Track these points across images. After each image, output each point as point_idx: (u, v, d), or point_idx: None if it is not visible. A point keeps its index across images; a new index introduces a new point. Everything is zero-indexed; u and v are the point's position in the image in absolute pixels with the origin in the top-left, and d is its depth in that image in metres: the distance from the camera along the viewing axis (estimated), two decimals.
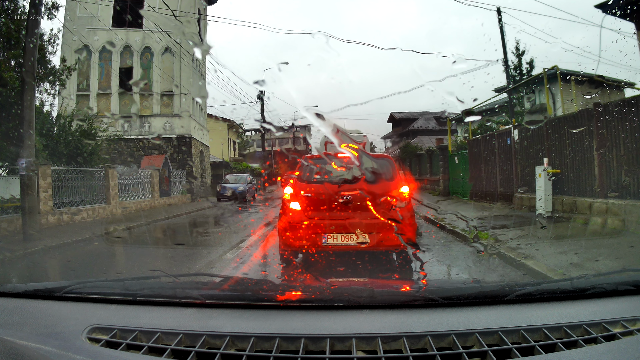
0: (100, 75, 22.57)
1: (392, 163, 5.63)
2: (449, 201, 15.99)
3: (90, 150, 13.90)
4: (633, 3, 9.25)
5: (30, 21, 8.80)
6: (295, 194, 5.30)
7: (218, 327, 1.33)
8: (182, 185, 21.54)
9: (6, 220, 9.95)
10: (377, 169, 5.35)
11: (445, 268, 5.93)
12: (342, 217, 4.97)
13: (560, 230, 8.06)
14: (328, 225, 4.95)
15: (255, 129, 49.21)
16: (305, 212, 5.17)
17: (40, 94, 11.97)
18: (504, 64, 15.92)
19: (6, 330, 1.34)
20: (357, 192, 4.96)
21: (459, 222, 9.30)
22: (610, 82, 14.43)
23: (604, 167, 8.22)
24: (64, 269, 6.95)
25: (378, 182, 5.25)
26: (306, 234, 5.01)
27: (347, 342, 1.23)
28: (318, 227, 4.99)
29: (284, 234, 5.20)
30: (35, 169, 8.99)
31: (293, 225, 5.13)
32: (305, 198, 5.23)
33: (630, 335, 1.24)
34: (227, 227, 11.76)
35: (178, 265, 6.16)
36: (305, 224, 5.07)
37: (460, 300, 1.47)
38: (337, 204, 5.01)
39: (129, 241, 9.40)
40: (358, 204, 4.99)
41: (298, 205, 5.23)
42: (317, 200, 5.16)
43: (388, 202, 5.14)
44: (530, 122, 13.58)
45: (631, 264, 5.01)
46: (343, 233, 4.92)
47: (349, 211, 5.00)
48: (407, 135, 40.00)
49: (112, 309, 1.53)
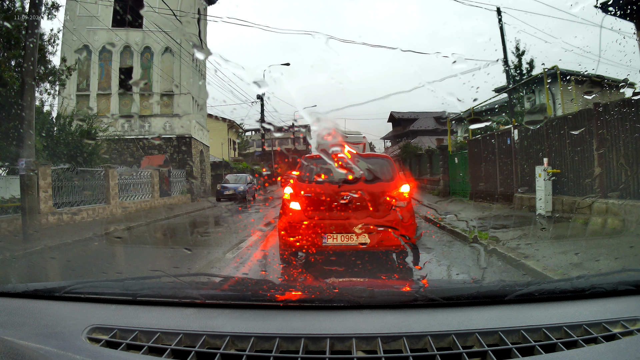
0: (100, 75, 22.57)
1: (392, 163, 5.63)
2: (448, 201, 15.99)
3: (90, 150, 13.90)
4: (633, 3, 9.25)
5: (30, 21, 8.80)
6: (295, 194, 5.27)
7: (218, 327, 1.33)
8: (182, 185, 21.54)
9: (6, 220, 9.96)
10: (377, 169, 5.36)
11: (445, 268, 5.93)
12: (342, 217, 4.95)
13: (560, 230, 8.06)
14: (328, 225, 4.93)
15: (255, 129, 49.25)
16: (305, 212, 5.15)
17: (40, 94, 11.99)
18: (504, 64, 15.93)
19: (6, 330, 1.34)
20: (357, 192, 4.97)
21: (458, 222, 9.30)
22: (610, 82, 14.42)
23: (604, 167, 8.22)
24: (64, 269, 6.95)
25: (378, 181, 5.27)
26: (306, 234, 4.99)
27: (347, 342, 1.23)
28: (318, 227, 4.95)
29: (284, 234, 5.17)
30: (35, 169, 9.00)
31: (293, 225, 5.10)
32: (305, 198, 5.20)
33: (630, 335, 1.24)
34: (227, 227, 11.76)
35: (178, 265, 6.15)
36: (305, 224, 5.04)
37: (460, 300, 1.47)
38: (337, 204, 4.99)
39: (129, 241, 9.40)
40: (358, 204, 4.98)
41: (298, 205, 5.20)
42: (317, 200, 5.13)
43: (388, 202, 5.13)
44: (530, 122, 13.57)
45: (631, 264, 5.01)
46: (343, 233, 4.90)
47: (349, 211, 4.98)
48: (407, 135, 40.00)
49: (112, 309, 1.53)
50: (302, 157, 5.82)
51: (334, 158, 4.33)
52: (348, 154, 4.40)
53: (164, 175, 19.31)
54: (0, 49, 10.24)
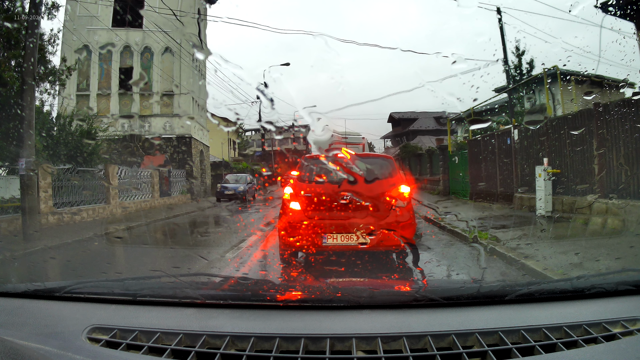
0: (100, 75, 22.57)
1: (393, 163, 5.63)
2: (449, 201, 15.99)
3: (90, 150, 13.90)
4: (633, 3, 9.26)
5: (30, 21, 8.80)
6: (296, 194, 5.26)
7: (218, 327, 1.33)
8: (182, 185, 21.54)
9: (6, 220, 9.95)
10: (377, 169, 5.38)
11: (445, 268, 5.93)
12: (342, 217, 4.95)
13: (560, 230, 8.06)
14: (328, 226, 4.92)
15: (255, 129, 49.23)
16: (306, 212, 5.13)
17: (40, 94, 11.99)
18: (504, 64, 15.92)
19: (6, 330, 1.34)
20: (357, 192, 4.97)
21: (458, 222, 9.29)
22: (610, 82, 14.42)
23: (604, 167, 8.22)
24: (64, 269, 6.94)
25: (378, 182, 5.27)
26: (306, 234, 4.98)
27: (347, 342, 1.23)
28: (318, 227, 4.94)
29: (284, 234, 5.16)
30: (35, 169, 8.99)
31: (293, 225, 5.09)
32: (306, 198, 5.18)
33: (630, 335, 1.24)
34: (227, 227, 11.75)
35: (178, 265, 6.15)
36: (305, 224, 5.03)
37: (460, 300, 1.47)
38: (337, 204, 4.99)
39: (129, 241, 9.40)
40: (358, 204, 4.97)
41: (298, 205, 5.19)
42: (317, 200, 5.11)
43: (388, 202, 5.12)
44: (530, 122, 13.58)
45: (631, 264, 5.00)
46: (343, 233, 4.89)
47: (349, 211, 4.98)
48: (407, 135, 40.03)
49: (112, 309, 1.53)
50: (302, 157, 5.82)
51: (334, 158, 4.45)
52: (348, 155, 4.49)
53: (164, 175, 19.31)
54: (0, 49, 10.24)
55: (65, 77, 12.08)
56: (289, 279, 4.74)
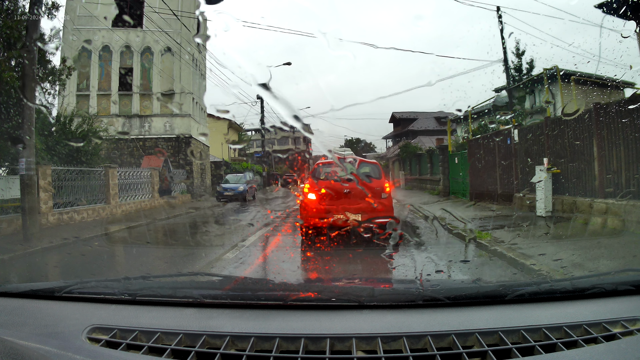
0: (100, 75, 22.56)
1: (379, 167, 8.29)
2: (449, 201, 15.99)
3: (90, 150, 13.90)
4: (633, 3, 9.25)
5: (30, 21, 8.80)
6: (312, 187, 7.53)
7: (218, 327, 1.33)
8: (182, 185, 21.53)
9: (6, 220, 9.95)
10: (368, 171, 8.02)
11: (445, 268, 5.92)
12: (344, 202, 7.19)
13: (560, 230, 8.06)
14: (334, 208, 7.10)
15: (255, 129, 49.20)
16: (319, 199, 7.38)
17: (40, 94, 11.96)
18: (504, 64, 15.92)
19: (6, 330, 1.34)
20: (355, 186, 7.18)
21: (458, 222, 9.29)
22: (610, 82, 14.42)
23: (604, 167, 8.22)
24: (64, 268, 6.94)
25: (369, 179, 7.68)
26: (319, 214, 7.15)
27: (347, 342, 1.23)
28: (327, 210, 7.08)
29: (305, 213, 7.38)
30: (35, 169, 8.99)
31: (310, 207, 7.28)
32: (319, 189, 7.45)
33: (630, 335, 1.24)
34: (227, 227, 11.75)
35: (178, 265, 6.16)
36: (318, 207, 7.23)
37: (460, 300, 1.47)
38: (341, 194, 7.27)
39: (129, 241, 9.40)
40: (355, 194, 7.22)
41: (314, 195, 7.43)
42: (326, 192, 7.31)
43: (377, 192, 7.50)
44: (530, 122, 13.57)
45: (631, 264, 5.00)
46: (345, 212, 7.03)
47: (349, 198, 7.23)
48: (407, 135, 40.03)
49: (112, 309, 1.53)
50: (316, 165, 8.21)
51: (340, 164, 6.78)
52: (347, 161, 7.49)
53: (164, 175, 19.30)
54: (0, 49, 10.23)
55: (66, 77, 12.07)
56: (289, 278, 4.75)
